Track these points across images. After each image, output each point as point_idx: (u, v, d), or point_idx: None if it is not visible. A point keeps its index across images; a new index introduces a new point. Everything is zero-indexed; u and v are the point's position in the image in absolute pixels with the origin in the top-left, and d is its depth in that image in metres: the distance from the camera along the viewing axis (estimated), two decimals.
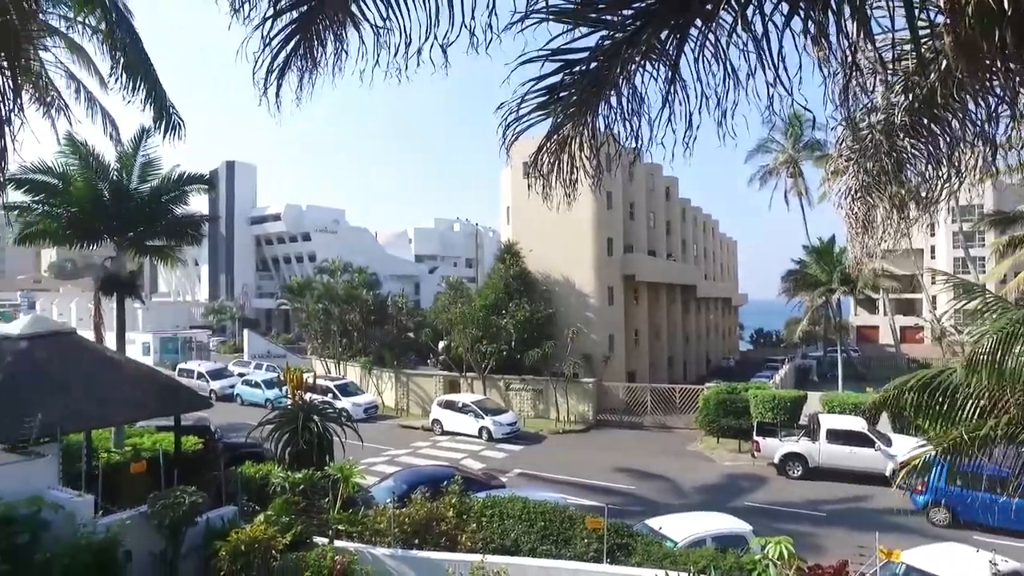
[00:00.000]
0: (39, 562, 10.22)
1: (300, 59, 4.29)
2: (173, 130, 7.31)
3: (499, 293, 36.24)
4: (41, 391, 12.34)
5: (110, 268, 20.11)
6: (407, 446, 28.02)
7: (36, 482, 11.39)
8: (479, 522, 12.25)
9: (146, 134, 18.95)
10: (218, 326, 65.84)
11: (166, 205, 20.24)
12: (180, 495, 11.93)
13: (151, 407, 14.50)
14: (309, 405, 16.24)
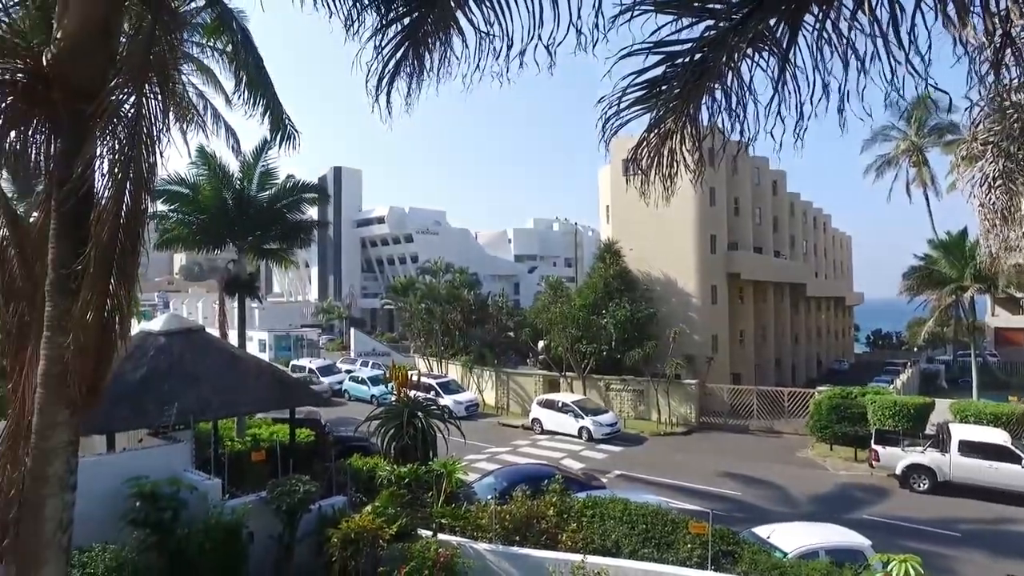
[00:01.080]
0: (179, 535, 11.20)
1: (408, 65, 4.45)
2: (288, 140, 7.82)
3: (599, 292, 35.94)
4: (177, 382, 13.50)
5: (232, 270, 21.68)
6: (507, 444, 28.34)
7: (174, 465, 12.48)
8: (579, 522, 12.19)
9: (266, 146, 20.31)
10: (327, 325, 69.42)
11: (282, 211, 21.59)
12: (296, 483, 12.68)
13: (270, 400, 15.51)
14: (414, 402, 16.76)
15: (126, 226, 4.58)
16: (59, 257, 4.63)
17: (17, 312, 4.98)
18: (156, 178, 4.96)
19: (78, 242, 4.58)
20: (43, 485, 4.68)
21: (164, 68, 4.68)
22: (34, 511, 4.68)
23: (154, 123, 4.68)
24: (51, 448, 4.66)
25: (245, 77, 7.30)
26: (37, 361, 4.69)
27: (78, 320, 4.42)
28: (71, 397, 4.60)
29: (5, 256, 4.99)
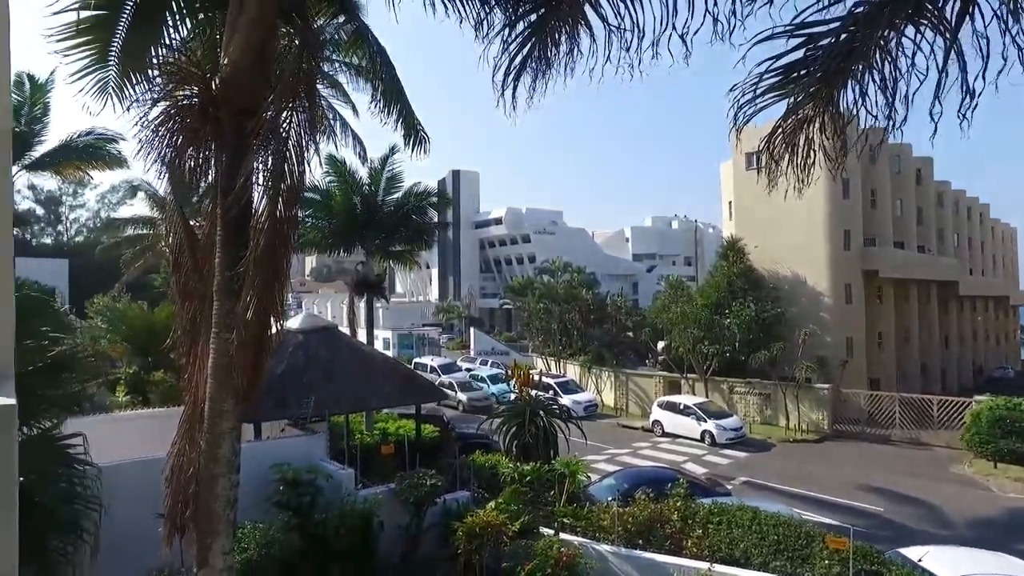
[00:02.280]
0: (317, 520, 12.01)
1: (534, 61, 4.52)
2: (420, 145, 8.19)
3: (722, 292, 34.61)
4: (313, 377, 14.47)
5: (361, 272, 22.95)
6: (627, 446, 27.95)
7: (312, 454, 13.39)
8: (705, 528, 11.80)
9: (392, 152, 21.37)
10: (447, 324, 71.68)
11: (407, 214, 22.59)
12: (422, 477, 13.20)
13: (397, 396, 16.25)
14: (535, 401, 16.93)
15: (280, 232, 5.01)
16: (224, 261, 5.14)
17: (191, 311, 5.59)
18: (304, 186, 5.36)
19: (240, 247, 5.06)
20: (215, 465, 5.24)
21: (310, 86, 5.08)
22: (209, 488, 5.25)
23: (302, 136, 5.08)
24: (220, 432, 5.20)
25: (381, 87, 7.74)
26: (207, 355, 5.24)
27: (240, 318, 4.88)
28: (235, 387, 5.10)
29: (181, 261, 5.63)
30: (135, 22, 6.94)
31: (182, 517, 5.55)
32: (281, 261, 5.09)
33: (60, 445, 6.42)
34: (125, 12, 6.84)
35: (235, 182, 4.94)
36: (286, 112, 5.08)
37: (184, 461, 5.53)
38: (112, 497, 7.73)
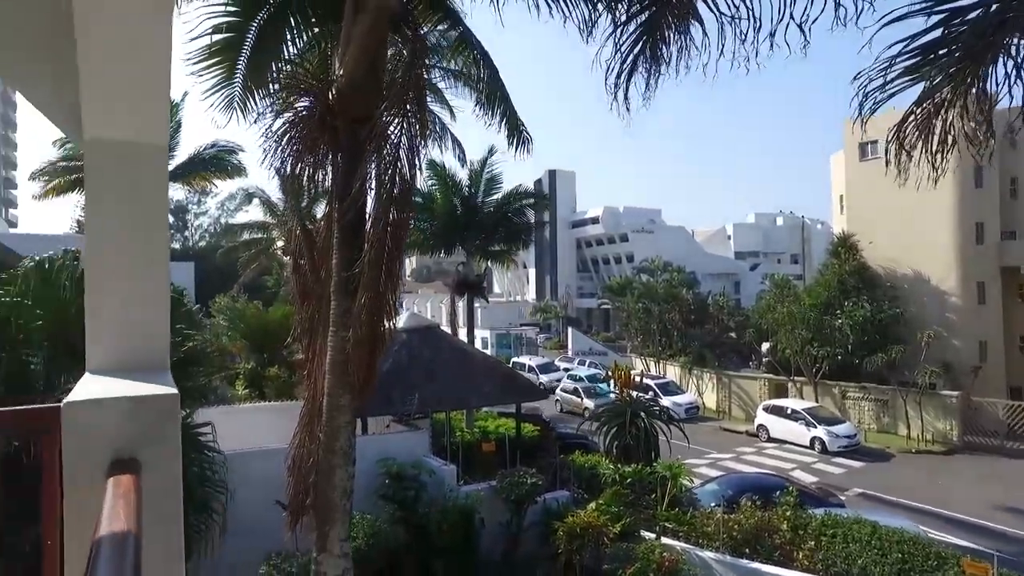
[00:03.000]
0: (421, 513, 12.38)
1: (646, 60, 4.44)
2: (523, 145, 8.27)
3: (832, 291, 32.62)
4: (416, 375, 14.91)
5: (462, 272, 23.44)
6: (730, 450, 26.95)
7: (416, 450, 13.81)
8: (817, 541, 11.17)
9: (490, 153, 21.71)
10: (544, 324, 71.88)
11: (506, 215, 22.87)
12: (523, 475, 13.31)
13: (497, 394, 16.46)
14: (636, 401, 16.67)
15: (393, 234, 5.20)
16: (341, 263, 5.40)
17: (309, 310, 5.92)
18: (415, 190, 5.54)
19: (355, 249, 5.30)
20: (333, 457, 5.52)
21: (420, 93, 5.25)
22: (327, 478, 5.55)
23: (413, 142, 5.24)
24: (338, 426, 5.47)
25: (484, 89, 7.89)
26: (325, 352, 5.52)
27: (356, 317, 5.11)
28: (351, 383, 5.34)
29: (300, 263, 5.98)
30: (258, 42, 7.43)
31: (302, 505, 5.90)
32: (394, 262, 5.28)
33: (193, 432, 6.97)
34: (250, 34, 7.35)
35: (351, 187, 5.18)
36: (397, 119, 5.26)
37: (304, 452, 5.86)
38: (235, 482, 8.31)
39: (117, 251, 2.43)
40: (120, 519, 1.39)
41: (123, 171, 2.45)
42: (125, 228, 2.44)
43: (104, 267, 2.42)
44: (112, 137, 2.43)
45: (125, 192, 2.46)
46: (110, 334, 2.38)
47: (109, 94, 2.35)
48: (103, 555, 1.22)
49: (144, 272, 2.46)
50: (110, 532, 1.32)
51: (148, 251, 2.47)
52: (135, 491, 1.57)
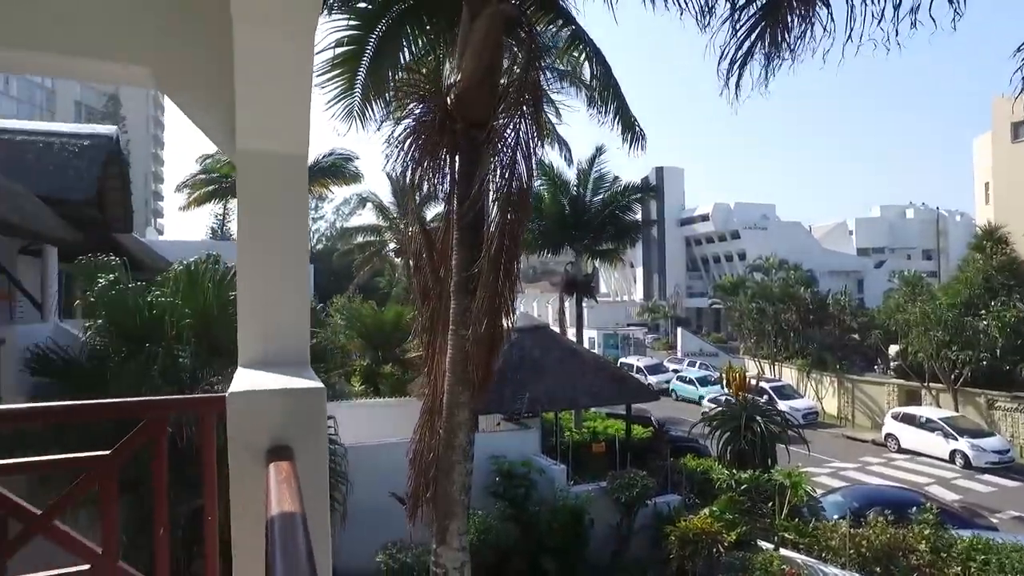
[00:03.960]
0: (531, 512, 12.50)
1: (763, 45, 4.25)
2: (637, 142, 8.13)
3: (975, 288, 29.66)
4: (526, 374, 15.04)
5: (570, 272, 23.43)
6: (854, 460, 25.22)
7: (526, 448, 13.95)
8: (965, 566, 10.22)
9: (599, 152, 21.58)
10: (652, 324, 70.41)
11: (615, 213, 22.63)
12: (634, 477, 13.12)
13: (606, 395, 16.31)
14: (751, 405, 15.99)
15: (510, 234, 5.29)
16: (460, 263, 5.56)
17: (429, 309, 6.14)
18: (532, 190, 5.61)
19: (474, 249, 5.44)
20: (452, 453, 5.70)
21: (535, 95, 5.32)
22: (447, 473, 5.73)
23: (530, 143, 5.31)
24: (457, 423, 5.65)
25: (598, 87, 7.85)
26: (445, 350, 5.71)
27: (475, 316, 5.25)
28: (470, 381, 5.49)
29: (420, 264, 6.22)
30: (376, 53, 7.79)
31: (422, 498, 6.13)
32: (511, 262, 5.38)
33: None
34: (369, 46, 7.72)
35: (470, 190, 5.32)
36: (514, 122, 5.35)
37: (424, 447, 6.09)
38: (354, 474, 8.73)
39: (265, 255, 2.63)
40: (287, 501, 1.50)
41: (269, 180, 2.65)
42: (271, 233, 2.64)
43: (253, 269, 2.62)
44: (260, 148, 2.63)
45: (271, 200, 2.67)
46: (259, 332, 2.58)
47: (258, 110, 2.56)
48: (279, 532, 1.32)
49: (288, 274, 2.65)
50: (280, 512, 1.43)
51: (291, 255, 2.66)
52: (295, 476, 1.69)
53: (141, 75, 2.78)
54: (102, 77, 3.10)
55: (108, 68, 2.86)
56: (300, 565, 1.16)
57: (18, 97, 77.72)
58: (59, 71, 3.03)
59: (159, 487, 2.84)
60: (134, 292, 9.12)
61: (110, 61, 2.74)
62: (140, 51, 2.69)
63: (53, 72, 2.94)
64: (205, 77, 2.71)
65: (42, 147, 12.77)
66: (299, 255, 2.70)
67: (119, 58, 2.72)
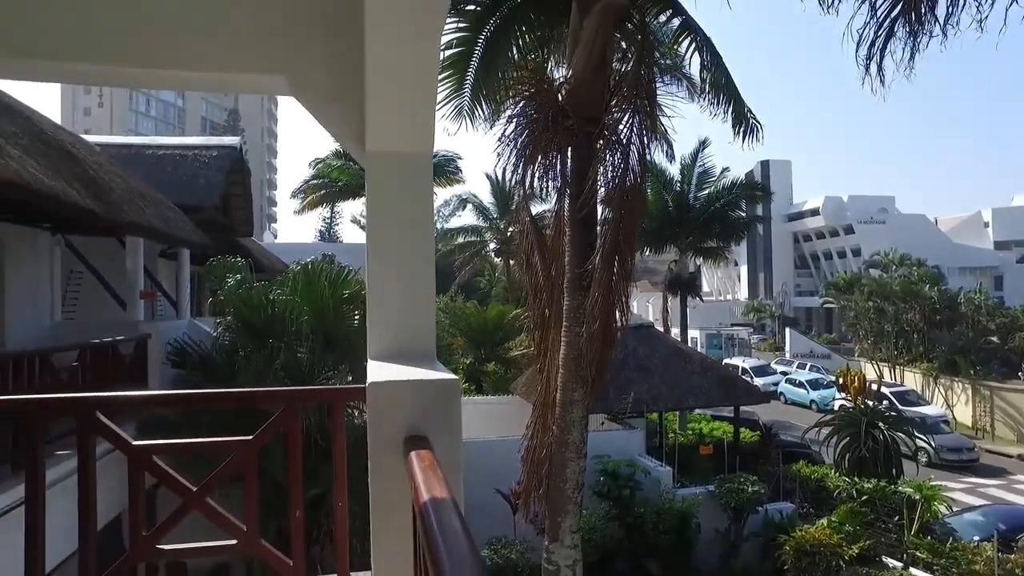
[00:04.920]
0: (636, 514, 12.28)
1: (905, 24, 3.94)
2: (751, 133, 7.75)
3: None
4: (631, 373, 14.80)
5: (674, 270, 22.86)
6: (997, 476, 22.97)
7: (631, 448, 13.73)
8: None
9: (702, 146, 20.91)
10: (757, 324, 67.39)
11: (721, 209, 21.86)
12: (743, 482, 12.61)
13: (713, 396, 15.76)
14: (873, 411, 14.96)
15: (624, 230, 5.21)
16: (573, 259, 5.54)
17: (541, 307, 6.17)
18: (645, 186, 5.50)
19: (587, 246, 5.41)
20: (566, 450, 5.69)
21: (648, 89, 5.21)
22: (560, 470, 5.73)
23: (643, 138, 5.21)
24: (571, 420, 5.63)
25: (709, 77, 7.57)
26: (558, 347, 5.70)
27: (589, 312, 5.21)
28: (584, 378, 5.46)
29: (532, 261, 6.25)
30: (484, 53, 7.90)
31: (536, 494, 6.16)
32: (625, 258, 5.30)
33: None
34: (477, 46, 7.85)
35: (582, 185, 5.29)
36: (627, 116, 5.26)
37: (537, 444, 6.12)
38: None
39: (393, 251, 2.72)
40: (437, 486, 1.52)
41: (396, 179, 2.74)
42: (399, 231, 2.73)
43: (382, 266, 2.71)
44: (388, 149, 2.73)
45: (398, 198, 2.75)
46: (388, 326, 2.67)
47: (387, 111, 2.65)
48: (435, 515, 1.34)
49: (415, 270, 2.73)
50: (432, 497, 1.46)
51: (418, 251, 2.74)
52: (438, 464, 1.72)
53: (278, 84, 2.95)
54: (243, 88, 3.31)
55: (249, 79, 3.05)
56: (461, 546, 1.17)
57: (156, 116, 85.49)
58: (206, 85, 3.26)
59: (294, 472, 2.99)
60: (258, 291, 9.73)
61: (251, 73, 2.93)
62: (277, 61, 2.86)
63: (201, 87, 3.18)
64: (336, 82, 2.84)
65: (177, 159, 13.92)
66: (426, 251, 2.77)
67: (259, 69, 2.90)
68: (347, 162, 28.48)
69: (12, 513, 3.92)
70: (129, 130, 74.13)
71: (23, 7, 2.63)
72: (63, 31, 2.66)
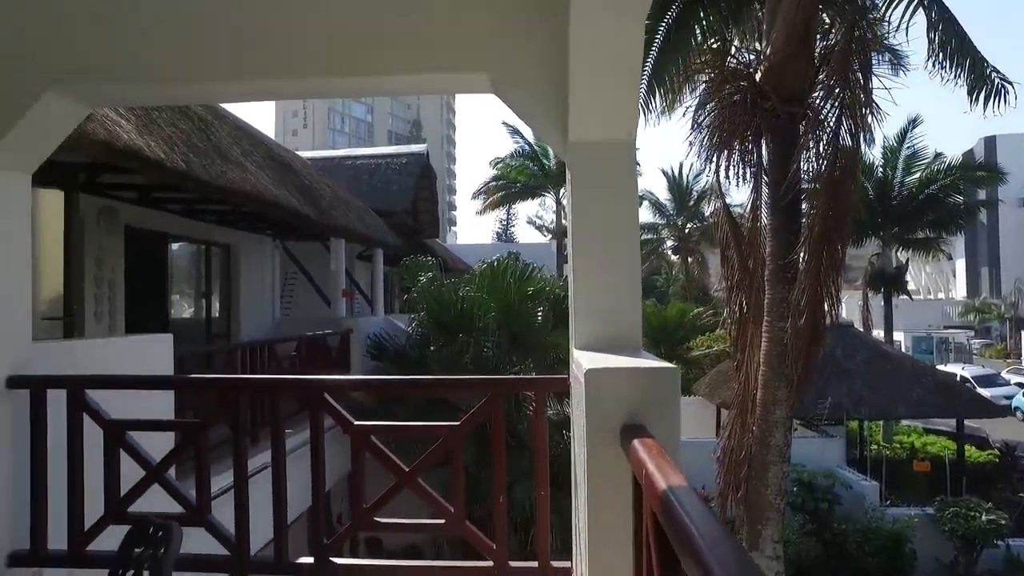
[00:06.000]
0: (835, 530, 11.21)
1: None
2: (997, 96, 6.52)
3: None
4: (828, 376, 13.51)
5: (877, 264, 20.61)
6: None
7: (827, 458, 12.60)
8: None
9: (912, 124, 18.58)
10: (980, 327, 58.68)
11: (934, 195, 19.30)
12: (975, 508, 11.00)
13: (929, 405, 13.90)
14: None
15: (835, 216, 4.75)
16: (775, 250, 5.17)
17: (739, 301, 5.83)
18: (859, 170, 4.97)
19: (791, 235, 5.01)
20: (767, 452, 5.33)
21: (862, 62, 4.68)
22: (760, 474, 5.38)
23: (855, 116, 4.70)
24: (773, 421, 5.26)
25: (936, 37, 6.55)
26: (757, 344, 5.35)
27: (794, 306, 4.81)
28: (789, 376, 5.07)
29: (727, 254, 5.93)
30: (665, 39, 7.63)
31: (733, 498, 5.83)
32: (836, 248, 4.82)
33: None
34: (658, 34, 7.59)
35: (785, 171, 4.90)
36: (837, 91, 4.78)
37: (735, 445, 5.78)
38: None
39: (598, 241, 2.67)
40: (673, 474, 1.45)
41: (600, 168, 2.69)
42: (603, 221, 2.68)
43: (588, 257, 2.68)
44: (591, 138, 2.69)
45: (602, 187, 2.70)
46: (594, 316, 2.63)
47: (591, 99, 2.60)
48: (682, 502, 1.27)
49: (619, 260, 2.66)
50: (671, 485, 1.38)
51: (623, 241, 2.67)
52: (665, 452, 1.65)
53: (479, 82, 3.03)
54: (445, 88, 3.45)
55: (452, 79, 3.17)
56: (719, 535, 1.08)
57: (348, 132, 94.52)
58: (410, 89, 3.42)
59: (498, 457, 3.07)
60: (448, 288, 10.29)
61: (454, 72, 3.03)
62: (480, 59, 2.94)
63: (405, 91, 3.37)
64: (538, 74, 2.86)
65: (372, 168, 15.20)
66: (631, 240, 2.70)
67: (462, 68, 2.99)
68: (524, 162, 29.22)
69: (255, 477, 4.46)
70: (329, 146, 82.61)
71: (228, 32, 2.95)
72: (268, 52, 2.94)
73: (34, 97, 2.92)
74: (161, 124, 5.65)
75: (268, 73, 2.98)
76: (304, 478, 3.09)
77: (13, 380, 3.00)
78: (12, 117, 2.93)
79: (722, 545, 1.03)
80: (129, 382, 3.60)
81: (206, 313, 10.22)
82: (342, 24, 2.93)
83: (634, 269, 2.69)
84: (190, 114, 6.86)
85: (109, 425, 3.02)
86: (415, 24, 2.91)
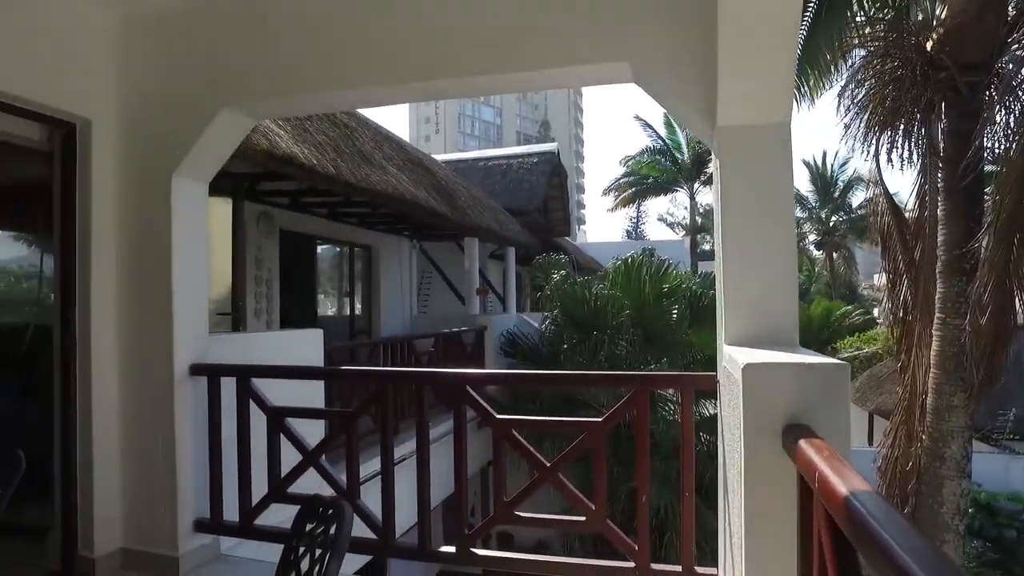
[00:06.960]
0: None
1: None
2: None
3: None
4: (1010, 383, 11.90)
5: None
6: None
7: (1012, 479, 11.14)
8: None
9: None
10: None
11: None
12: None
13: None
14: None
15: None
16: (951, 238, 4.61)
17: (902, 295, 5.27)
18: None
19: (971, 221, 4.45)
20: (940, 465, 4.77)
21: None
22: (934, 490, 4.82)
23: None
24: (948, 430, 4.70)
25: None
26: (925, 343, 4.82)
27: (975, 302, 4.28)
28: (967, 380, 4.51)
29: (888, 244, 5.38)
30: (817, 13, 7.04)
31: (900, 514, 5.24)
32: None
33: None
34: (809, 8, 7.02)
35: (963, 147, 4.34)
36: None
37: (901, 455, 5.22)
38: None
39: (751, 232, 2.50)
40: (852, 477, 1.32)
41: (753, 153, 2.51)
42: (756, 209, 2.50)
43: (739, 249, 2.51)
44: (742, 122, 2.51)
45: (755, 174, 2.52)
46: (746, 310, 2.47)
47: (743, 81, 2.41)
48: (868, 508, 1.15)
49: (774, 252, 2.48)
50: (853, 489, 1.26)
51: (778, 230, 2.48)
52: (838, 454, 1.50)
53: (620, 71, 2.94)
54: (585, 80, 3.38)
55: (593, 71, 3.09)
56: (917, 541, 0.94)
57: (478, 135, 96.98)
58: (549, 83, 3.37)
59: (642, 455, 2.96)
60: (581, 285, 10.21)
61: (595, 63, 2.95)
62: (621, 48, 2.85)
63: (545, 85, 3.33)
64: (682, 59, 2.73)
65: (504, 168, 15.41)
66: (786, 230, 2.50)
67: (603, 58, 2.91)
68: (656, 157, 28.51)
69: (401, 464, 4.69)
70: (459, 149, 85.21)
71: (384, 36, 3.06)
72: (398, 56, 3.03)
73: (212, 115, 3.24)
74: (312, 132, 6.07)
75: (430, 73, 3.07)
76: (439, 469, 3.18)
77: (196, 367, 3.33)
78: (194, 134, 3.26)
79: (924, 554, 0.91)
80: (289, 372, 3.89)
81: (349, 310, 10.87)
82: (483, 23, 2.97)
83: (790, 261, 2.51)
84: (336, 121, 7.33)
85: (272, 411, 3.27)
86: (557, 18, 2.89)
